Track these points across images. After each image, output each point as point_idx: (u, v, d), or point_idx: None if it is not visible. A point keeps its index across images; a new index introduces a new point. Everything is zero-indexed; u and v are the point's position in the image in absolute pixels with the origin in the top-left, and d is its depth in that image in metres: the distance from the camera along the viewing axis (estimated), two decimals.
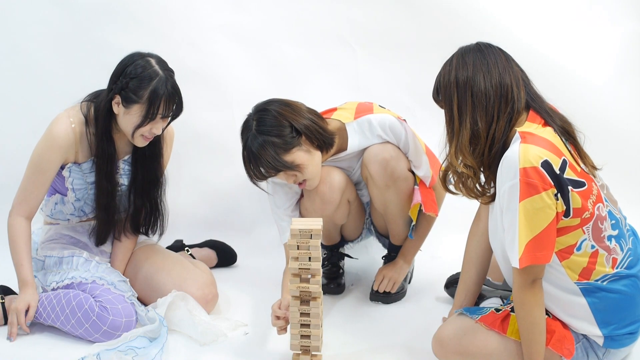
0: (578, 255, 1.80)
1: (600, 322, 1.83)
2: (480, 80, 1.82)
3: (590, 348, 1.87)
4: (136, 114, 2.15)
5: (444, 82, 1.87)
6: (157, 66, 2.16)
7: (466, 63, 1.84)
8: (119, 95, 2.16)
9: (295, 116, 2.26)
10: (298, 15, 3.12)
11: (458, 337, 1.90)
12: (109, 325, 2.15)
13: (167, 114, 2.17)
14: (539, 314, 1.80)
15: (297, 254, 1.94)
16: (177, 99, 2.19)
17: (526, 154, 1.73)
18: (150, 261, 2.41)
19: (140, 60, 2.16)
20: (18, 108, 3.09)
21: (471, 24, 3.06)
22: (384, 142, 2.35)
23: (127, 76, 2.14)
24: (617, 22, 3.14)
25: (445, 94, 1.86)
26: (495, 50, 1.87)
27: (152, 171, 2.35)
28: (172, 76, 2.19)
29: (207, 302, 2.33)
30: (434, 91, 1.93)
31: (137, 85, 2.13)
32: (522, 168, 1.72)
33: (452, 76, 1.85)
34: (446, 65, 1.89)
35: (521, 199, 1.72)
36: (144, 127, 2.17)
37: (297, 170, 2.26)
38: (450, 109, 1.85)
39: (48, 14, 3.06)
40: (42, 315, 2.23)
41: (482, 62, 1.84)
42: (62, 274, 2.30)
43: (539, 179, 1.71)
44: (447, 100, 1.86)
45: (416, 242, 2.51)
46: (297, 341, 2.00)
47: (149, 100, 2.13)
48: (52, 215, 2.37)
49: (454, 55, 1.89)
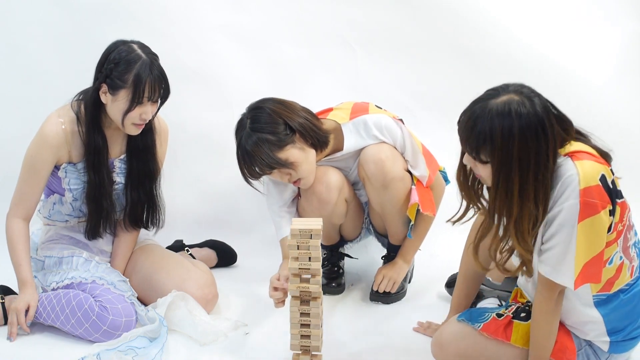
0: (608, 270, 1.76)
1: (610, 331, 1.82)
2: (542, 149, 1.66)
3: (593, 355, 1.86)
4: (123, 99, 2.15)
5: (502, 140, 1.66)
6: (139, 50, 2.16)
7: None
8: (105, 84, 2.17)
9: (289, 114, 2.27)
10: (298, 15, 3.12)
11: (457, 340, 1.90)
12: (109, 325, 2.15)
13: (153, 97, 2.17)
14: (557, 323, 1.80)
15: (297, 254, 1.94)
16: (164, 82, 2.19)
17: (585, 172, 1.66)
18: (150, 261, 2.41)
19: (122, 46, 2.17)
20: (18, 108, 3.09)
21: (471, 24, 3.06)
22: (380, 143, 2.36)
23: (111, 62, 2.15)
24: (617, 22, 3.14)
25: (502, 157, 1.67)
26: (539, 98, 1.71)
27: (147, 163, 2.35)
28: (156, 59, 2.19)
29: (207, 302, 2.33)
30: (480, 141, 1.69)
31: (121, 70, 2.13)
32: (583, 188, 1.65)
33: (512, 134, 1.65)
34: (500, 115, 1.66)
35: (580, 220, 1.66)
36: (133, 113, 2.16)
37: (291, 168, 2.27)
38: (507, 177, 1.67)
39: (48, 14, 3.06)
40: (42, 315, 2.23)
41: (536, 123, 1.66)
42: (62, 274, 2.30)
43: (599, 198, 1.65)
44: (503, 165, 1.67)
45: (415, 242, 2.51)
46: (297, 341, 2.00)
47: (134, 84, 2.13)
48: (50, 216, 2.37)
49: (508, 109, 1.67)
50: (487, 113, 1.67)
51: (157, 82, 2.15)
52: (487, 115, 1.67)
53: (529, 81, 1.85)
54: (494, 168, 1.69)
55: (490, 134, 1.66)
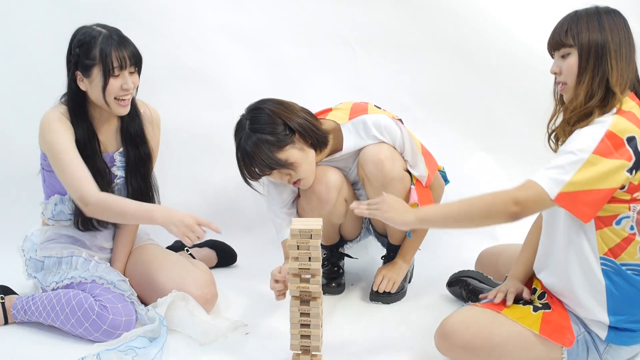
0: (615, 230, 1.79)
1: (610, 309, 1.82)
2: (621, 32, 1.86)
3: (591, 342, 1.86)
4: (97, 77, 2.17)
5: (585, 21, 1.86)
6: (98, 28, 2.20)
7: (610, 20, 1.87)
8: (77, 71, 2.19)
9: (288, 114, 2.27)
10: (298, 15, 3.12)
11: (462, 329, 1.88)
12: (108, 324, 2.15)
13: (125, 64, 2.18)
14: (481, 220, 1.80)
15: (297, 254, 1.94)
16: (129, 47, 2.20)
17: (617, 123, 1.74)
18: (149, 261, 2.41)
19: (81, 31, 2.21)
20: (18, 108, 3.09)
21: (471, 24, 3.06)
22: (379, 143, 2.36)
23: (75, 48, 2.19)
24: None
25: (584, 32, 1.85)
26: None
27: (139, 149, 2.36)
28: (117, 30, 2.21)
29: (207, 301, 2.33)
30: (560, 32, 1.90)
31: (86, 49, 2.17)
32: (610, 130, 1.73)
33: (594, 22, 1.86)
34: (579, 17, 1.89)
35: (595, 152, 1.71)
36: (112, 86, 2.17)
37: (291, 168, 2.27)
38: (589, 48, 1.83)
39: (48, 14, 3.07)
40: (42, 314, 2.23)
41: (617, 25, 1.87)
42: (61, 274, 2.30)
43: (620, 148, 1.71)
44: (585, 38, 1.84)
45: (415, 242, 2.51)
46: (297, 341, 2.00)
47: (101, 57, 2.15)
48: (54, 217, 2.36)
49: (586, 13, 1.89)
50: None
51: (121, 47, 2.17)
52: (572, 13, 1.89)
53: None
54: (580, 50, 1.83)
55: (576, 16, 1.88)
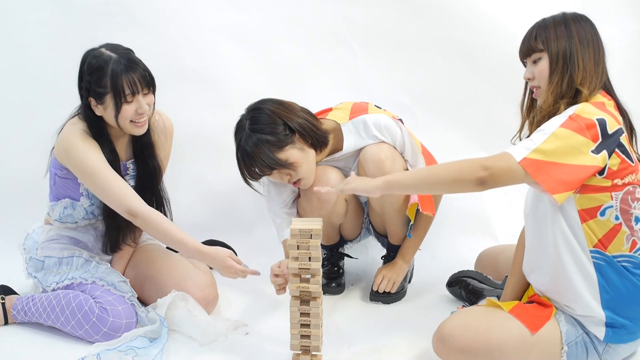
0: (600, 221, 1.80)
1: (604, 303, 1.83)
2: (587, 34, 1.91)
3: (590, 343, 1.86)
4: (111, 103, 2.15)
5: (553, 25, 1.90)
6: (108, 52, 2.16)
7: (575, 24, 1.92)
8: (91, 97, 2.17)
9: (288, 114, 2.27)
10: (298, 15, 3.12)
11: (460, 333, 1.88)
12: (109, 326, 2.15)
13: (136, 89, 2.15)
14: (445, 187, 1.84)
15: (297, 254, 1.94)
16: (140, 71, 2.16)
17: (583, 109, 1.77)
18: (151, 261, 2.41)
19: (91, 55, 2.18)
20: (18, 108, 3.09)
21: (471, 24, 3.06)
22: (379, 142, 2.36)
23: (86, 75, 2.16)
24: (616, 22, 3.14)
25: (552, 36, 1.88)
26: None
27: (149, 161, 2.35)
28: (127, 53, 2.17)
29: (208, 302, 2.33)
30: (530, 39, 1.91)
31: (97, 77, 2.14)
32: (576, 113, 1.75)
33: (561, 23, 1.90)
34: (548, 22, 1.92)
35: (562, 126, 1.74)
36: (125, 112, 2.15)
37: (291, 168, 2.27)
38: (557, 49, 1.87)
39: (48, 14, 3.06)
40: (42, 315, 2.23)
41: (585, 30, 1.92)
42: (61, 275, 2.29)
43: (587, 126, 1.73)
44: (554, 41, 1.88)
45: (415, 242, 2.51)
46: (297, 341, 2.00)
47: (112, 85, 2.13)
48: (60, 219, 2.35)
49: (555, 21, 1.92)
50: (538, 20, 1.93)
51: (131, 72, 2.14)
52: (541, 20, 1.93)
53: None
54: (549, 53, 1.87)
55: (544, 23, 1.91)
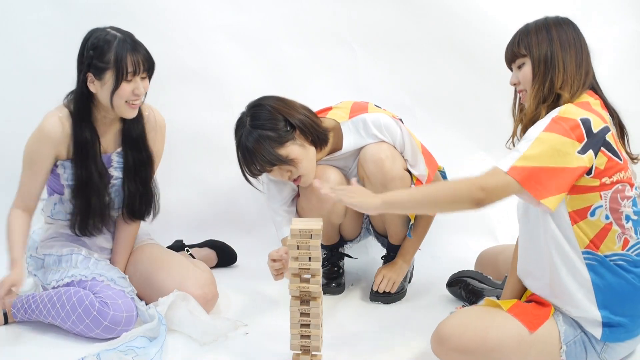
0: (591, 222, 1.79)
1: (599, 303, 1.83)
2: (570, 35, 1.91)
3: (588, 343, 1.86)
4: (110, 79, 2.16)
5: (535, 31, 1.90)
6: (113, 31, 2.19)
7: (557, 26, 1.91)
8: (89, 73, 2.18)
9: (289, 110, 2.28)
10: (298, 15, 3.12)
11: (458, 333, 1.88)
12: (109, 320, 2.15)
13: (138, 70, 2.17)
14: (448, 205, 1.82)
15: (297, 254, 1.94)
16: (144, 53, 2.19)
17: (566, 110, 1.77)
18: (150, 260, 2.41)
19: (96, 32, 2.20)
20: (18, 108, 3.09)
21: (472, 24, 3.06)
22: (379, 142, 2.36)
23: (89, 50, 2.17)
24: (616, 22, 3.14)
25: (533, 42, 1.89)
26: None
27: (140, 152, 2.35)
28: (131, 35, 2.21)
29: (207, 301, 2.33)
30: (513, 45, 1.93)
31: (100, 52, 2.15)
32: (558, 115, 1.75)
33: (543, 27, 1.90)
34: (530, 27, 1.92)
35: (545, 130, 1.74)
36: (123, 90, 2.17)
37: (292, 164, 2.27)
38: (539, 54, 1.87)
39: (48, 14, 3.07)
40: (42, 313, 2.23)
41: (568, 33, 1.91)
42: (61, 272, 2.30)
43: (570, 128, 1.73)
44: (536, 47, 1.88)
45: (415, 242, 2.51)
46: (297, 341, 2.00)
47: (115, 62, 2.15)
48: (52, 215, 2.38)
49: (537, 25, 1.92)
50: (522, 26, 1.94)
51: (136, 53, 2.17)
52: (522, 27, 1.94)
53: None
54: (531, 58, 1.88)
55: (526, 29, 1.92)
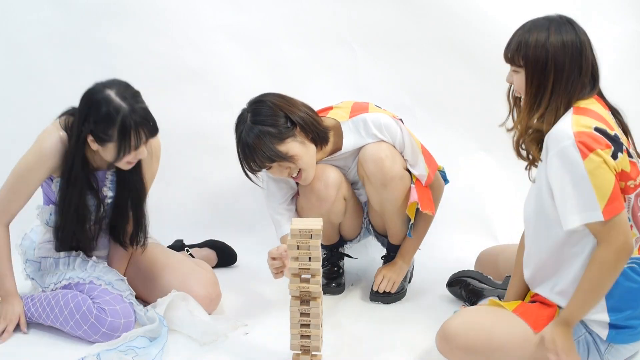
0: None
1: (609, 307, 1.82)
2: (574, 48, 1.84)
3: (592, 342, 1.86)
4: (112, 150, 2.10)
5: (533, 46, 1.84)
6: (117, 98, 2.07)
7: (557, 31, 1.84)
8: (91, 135, 2.11)
9: (290, 107, 2.28)
10: (298, 15, 3.12)
11: (464, 332, 1.88)
12: (107, 327, 2.14)
13: (140, 142, 2.11)
14: (609, 279, 1.76)
15: (297, 254, 1.94)
16: (148, 123, 2.11)
17: (578, 121, 1.75)
18: (153, 260, 2.40)
19: (99, 96, 2.08)
20: (18, 108, 3.09)
21: (472, 24, 3.06)
22: (379, 141, 2.36)
23: (92, 120, 2.08)
24: (616, 21, 3.14)
25: (532, 58, 1.84)
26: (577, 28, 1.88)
27: (133, 183, 2.29)
28: (137, 102, 2.10)
29: (211, 300, 2.33)
30: (512, 50, 1.88)
31: (104, 127, 2.07)
32: (576, 132, 1.73)
33: (545, 41, 1.84)
34: (533, 29, 1.86)
35: (583, 159, 1.71)
36: (126, 158, 2.13)
37: (291, 161, 2.27)
38: (534, 71, 1.84)
39: (48, 14, 3.06)
40: (41, 315, 2.22)
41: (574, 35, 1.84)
42: (59, 275, 2.29)
43: (593, 140, 1.72)
44: (533, 64, 1.84)
45: (415, 242, 2.51)
46: (297, 341, 2.00)
47: (120, 137, 2.07)
48: (48, 223, 2.34)
49: (543, 23, 1.87)
50: (526, 24, 1.89)
51: (141, 126, 2.09)
52: (526, 25, 1.89)
53: None
54: (527, 72, 1.84)
55: (526, 39, 1.85)
